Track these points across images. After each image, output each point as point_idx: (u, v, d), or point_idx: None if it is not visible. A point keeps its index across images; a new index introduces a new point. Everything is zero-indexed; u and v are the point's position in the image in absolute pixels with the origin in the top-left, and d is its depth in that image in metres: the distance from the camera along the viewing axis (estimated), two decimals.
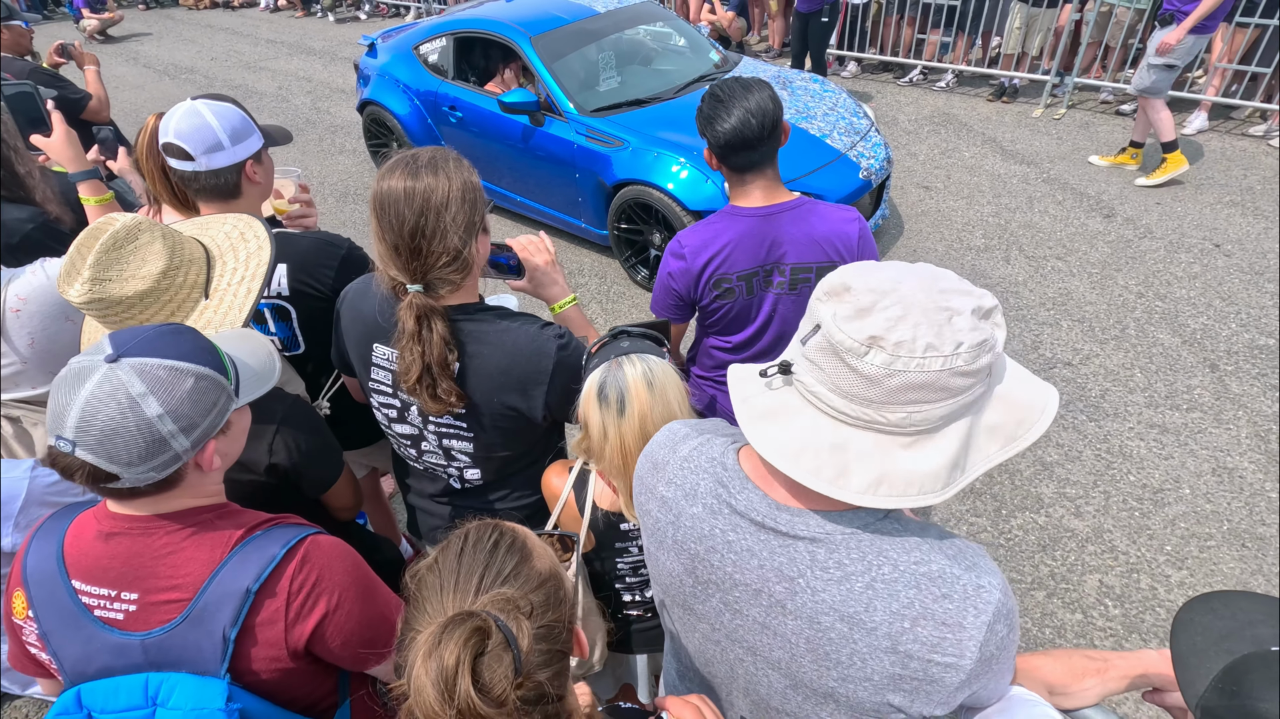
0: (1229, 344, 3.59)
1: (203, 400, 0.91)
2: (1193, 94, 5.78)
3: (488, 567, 0.71)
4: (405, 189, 1.22)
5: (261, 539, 0.97)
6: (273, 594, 0.94)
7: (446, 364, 1.31)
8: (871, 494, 0.72)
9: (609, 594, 1.51)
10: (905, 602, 0.74)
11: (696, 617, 0.91)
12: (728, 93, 1.63)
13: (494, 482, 1.52)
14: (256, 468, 1.32)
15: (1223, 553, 2.63)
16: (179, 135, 1.53)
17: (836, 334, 0.69)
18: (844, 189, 3.98)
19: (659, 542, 0.92)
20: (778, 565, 0.80)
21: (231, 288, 1.27)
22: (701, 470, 0.87)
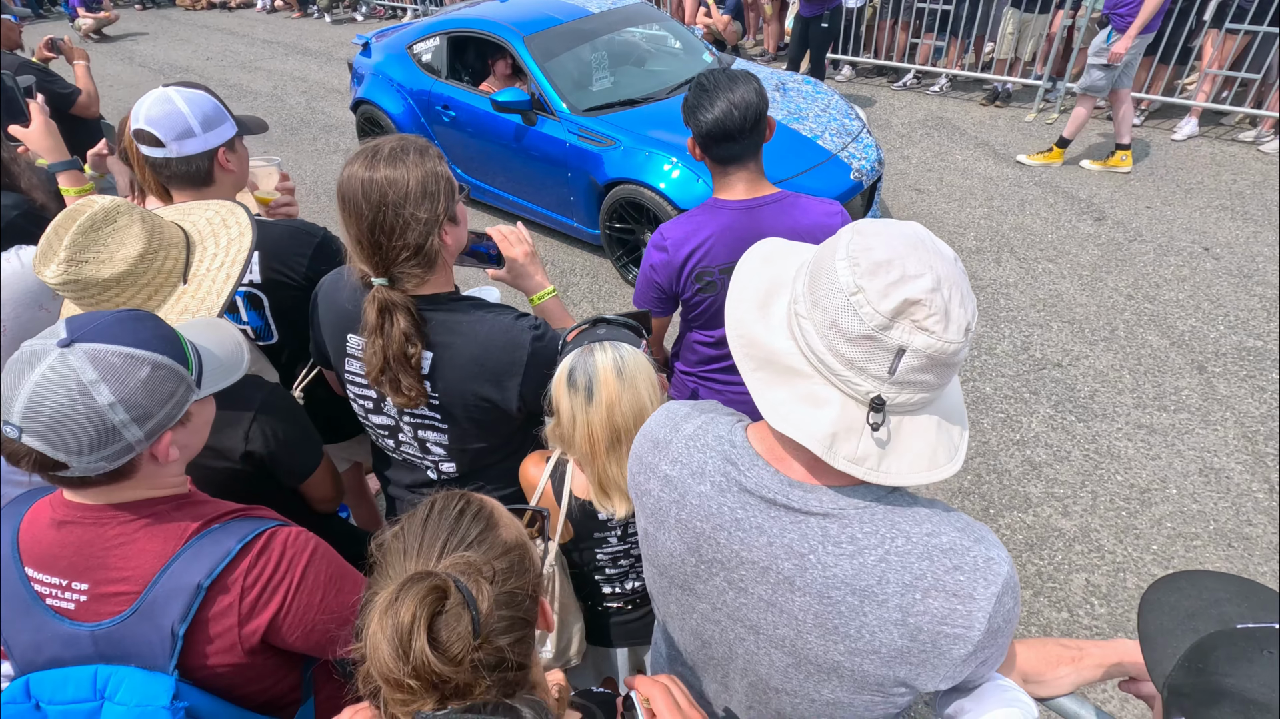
0: (1217, 346, 3.61)
1: (159, 390, 0.88)
2: (1183, 100, 5.82)
3: (452, 532, 0.71)
4: (363, 181, 1.20)
5: (218, 532, 0.94)
6: (225, 589, 0.92)
7: (407, 358, 1.30)
8: (913, 473, 0.74)
9: (589, 586, 1.50)
10: (918, 573, 0.75)
11: (696, 596, 0.91)
12: (713, 83, 1.63)
13: (470, 474, 1.51)
14: (231, 455, 1.31)
15: (1209, 553, 2.63)
16: (149, 121, 1.52)
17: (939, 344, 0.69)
18: (835, 190, 3.98)
19: (659, 521, 0.91)
20: (788, 542, 0.80)
21: (210, 273, 1.26)
22: (709, 448, 0.87)
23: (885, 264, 0.69)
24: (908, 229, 0.73)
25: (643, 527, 0.96)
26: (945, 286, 0.69)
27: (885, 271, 0.69)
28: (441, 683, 0.59)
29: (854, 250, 0.71)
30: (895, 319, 0.68)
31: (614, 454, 1.25)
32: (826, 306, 0.71)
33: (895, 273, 0.68)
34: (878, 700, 0.83)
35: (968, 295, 0.72)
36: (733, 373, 1.88)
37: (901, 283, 0.68)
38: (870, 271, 0.69)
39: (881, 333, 0.69)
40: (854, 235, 0.73)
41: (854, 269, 0.70)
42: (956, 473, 2.95)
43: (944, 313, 0.68)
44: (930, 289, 0.68)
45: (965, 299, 0.71)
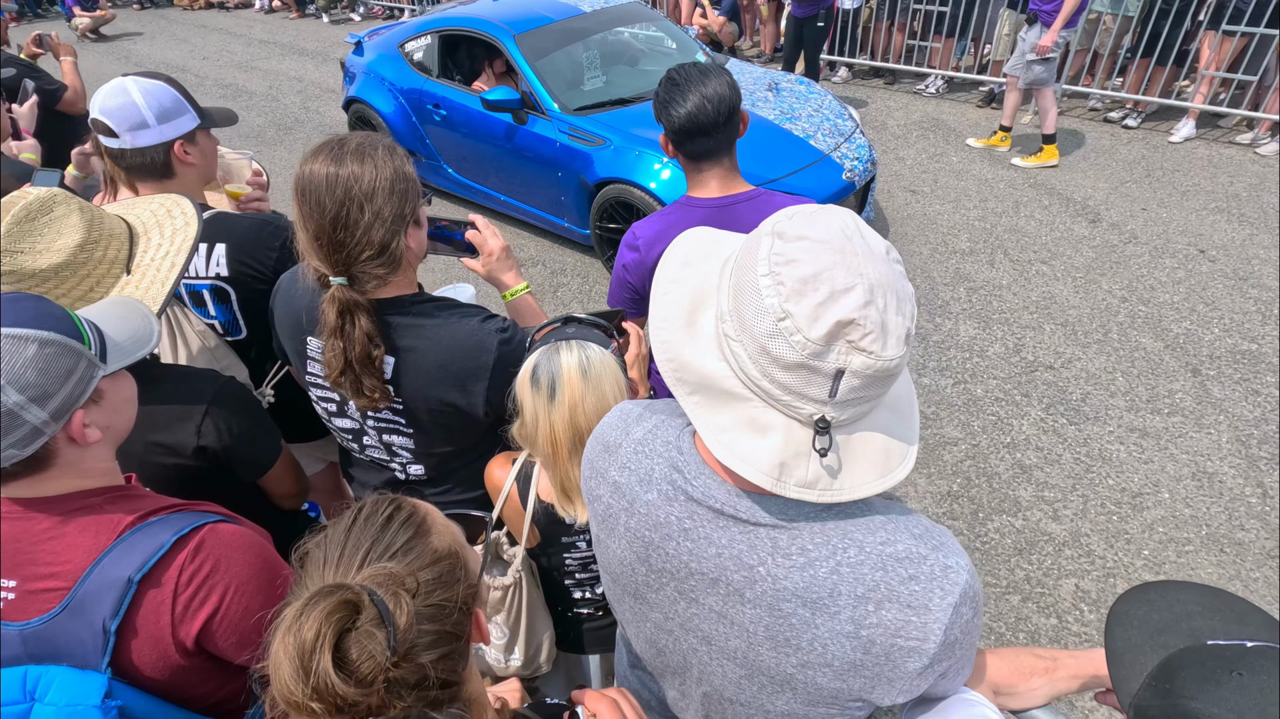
0: (1211, 349, 3.57)
1: (52, 367, 0.85)
2: (1181, 102, 5.79)
3: (376, 540, 0.67)
4: (328, 175, 1.16)
5: (154, 526, 0.91)
6: (157, 585, 0.88)
7: (370, 361, 1.26)
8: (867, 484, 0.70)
9: (559, 591, 1.46)
10: (871, 584, 0.71)
11: (649, 605, 0.87)
12: (685, 77, 1.59)
13: (437, 477, 1.48)
14: (184, 451, 1.27)
15: (1201, 558, 2.59)
16: (104, 111, 1.50)
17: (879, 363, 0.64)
18: (826, 190, 3.95)
19: (609, 529, 0.88)
20: (737, 553, 0.76)
21: (155, 263, 1.23)
22: (656, 455, 0.83)
23: (811, 280, 0.63)
24: (834, 223, 0.67)
25: (595, 533, 0.93)
26: (879, 295, 0.64)
27: (812, 290, 0.63)
28: (348, 706, 0.56)
29: (776, 263, 0.65)
30: (829, 343, 0.63)
31: (576, 456, 1.22)
32: (755, 331, 0.66)
33: (823, 290, 0.63)
34: (833, 713, 0.79)
35: (904, 295, 0.66)
36: None
37: (831, 302, 0.63)
38: (796, 292, 0.63)
39: (816, 359, 0.64)
40: (774, 241, 0.66)
41: (778, 289, 0.64)
42: (945, 475, 2.91)
43: (880, 328, 0.63)
44: (863, 304, 0.63)
45: (902, 301, 0.66)
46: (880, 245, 0.67)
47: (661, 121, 1.61)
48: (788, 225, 0.67)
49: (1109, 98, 6.22)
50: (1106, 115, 6.17)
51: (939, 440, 3.15)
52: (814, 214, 0.68)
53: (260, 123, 7.37)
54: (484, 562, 0.79)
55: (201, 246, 1.61)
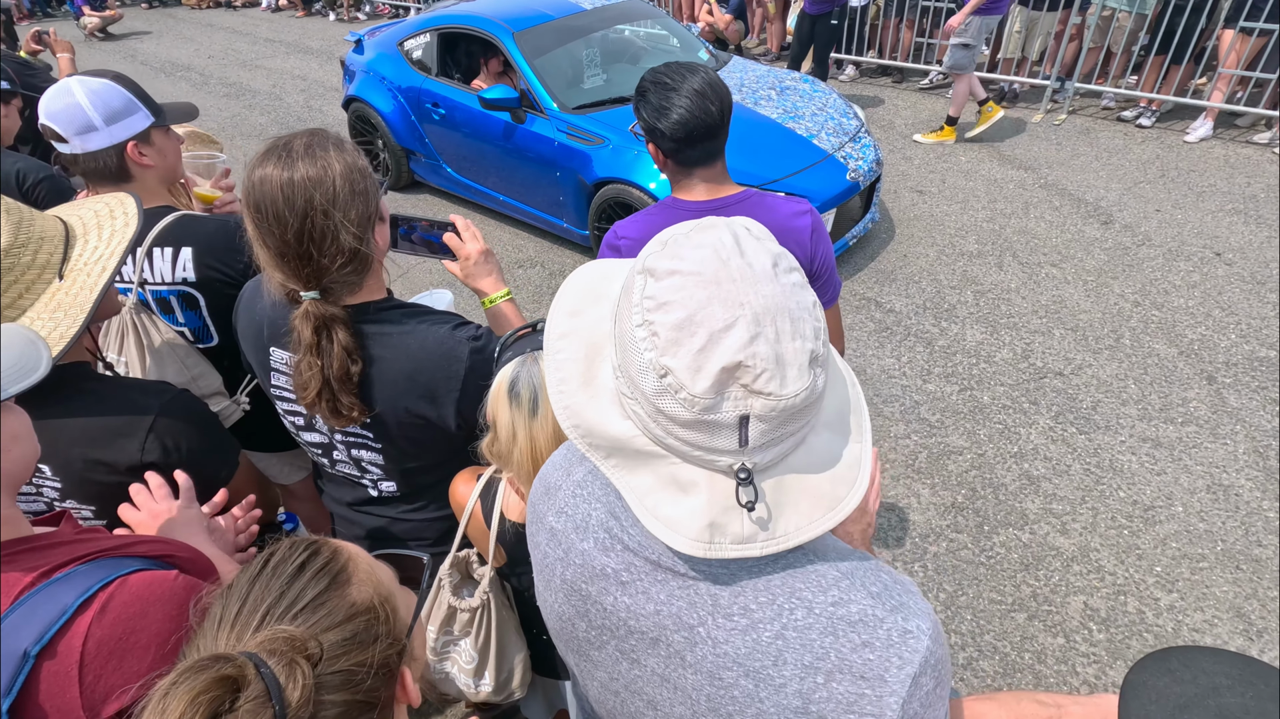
0: (1228, 355, 3.45)
1: None
2: (1197, 101, 5.65)
3: (281, 596, 0.59)
4: (283, 184, 1.07)
5: (56, 586, 0.80)
6: (54, 657, 0.78)
7: (349, 377, 1.19)
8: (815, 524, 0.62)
9: (532, 613, 1.39)
10: (819, 653, 0.63)
11: (593, 664, 0.79)
12: (674, 78, 1.47)
13: (409, 493, 1.40)
14: (126, 468, 1.20)
15: (1216, 575, 2.48)
16: (49, 116, 1.43)
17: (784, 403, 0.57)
18: (830, 190, 3.86)
19: (546, 580, 0.80)
20: (676, 611, 0.68)
21: (86, 266, 1.15)
22: (595, 499, 0.75)
23: (685, 327, 0.56)
24: (707, 248, 0.58)
25: (535, 582, 0.84)
26: (767, 324, 0.55)
27: (688, 338, 0.55)
28: None
29: (649, 309, 0.58)
30: (720, 392, 0.55)
31: None
32: (644, 390, 0.59)
33: (700, 336, 0.55)
34: None
35: (800, 313, 0.57)
36: None
37: (711, 347, 0.55)
38: (672, 341, 0.56)
39: (710, 414, 0.56)
40: (646, 281, 0.59)
41: (654, 341, 0.57)
42: (942, 484, 2.81)
43: (775, 362, 0.55)
44: (749, 340, 0.55)
45: (798, 322, 0.57)
46: (765, 260, 0.58)
47: (657, 128, 1.48)
48: (657, 260, 0.59)
49: (1123, 96, 6.08)
50: (1120, 114, 6.03)
51: (944, 449, 3.05)
52: (685, 239, 0.60)
53: (263, 121, 7.34)
54: (419, 606, 0.72)
55: (166, 251, 1.55)
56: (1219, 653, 0.65)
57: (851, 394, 0.68)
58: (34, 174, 2.25)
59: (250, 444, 1.76)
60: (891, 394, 3.36)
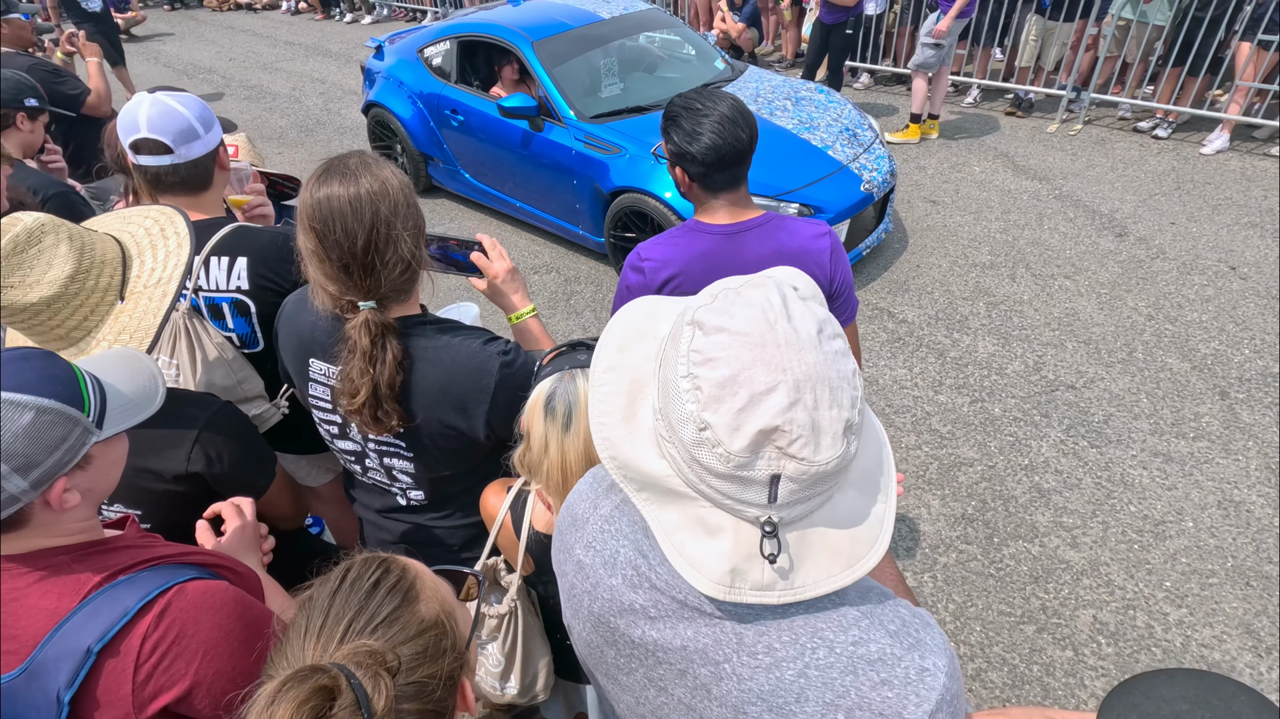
0: (1241, 371, 3.46)
1: (44, 437, 0.82)
2: (1214, 113, 5.64)
3: (360, 610, 0.65)
4: (351, 198, 1.14)
5: (119, 588, 0.87)
6: (117, 654, 0.85)
7: (395, 385, 1.25)
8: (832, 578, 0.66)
9: (557, 618, 1.44)
10: (840, 690, 0.66)
11: (621, 688, 0.83)
12: (704, 103, 1.52)
13: (438, 501, 1.46)
14: (173, 477, 1.26)
15: (1225, 591, 2.50)
16: (155, 129, 1.48)
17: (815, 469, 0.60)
18: (845, 201, 3.90)
19: (574, 609, 0.84)
20: (702, 647, 0.71)
21: (147, 290, 1.21)
22: (622, 535, 0.78)
23: (728, 385, 0.58)
24: (756, 308, 0.61)
25: (563, 607, 0.89)
26: (807, 391, 0.58)
27: (730, 396, 0.58)
28: None
29: (695, 363, 0.61)
30: (755, 452, 0.59)
31: None
32: (682, 439, 0.62)
33: (741, 396, 0.58)
34: None
35: (840, 383, 0.60)
36: None
37: (751, 408, 0.58)
38: (714, 399, 0.59)
39: (744, 470, 0.60)
40: (694, 334, 0.62)
41: (696, 395, 0.60)
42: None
43: (811, 429, 0.58)
44: (788, 405, 0.57)
45: (837, 391, 0.59)
46: (810, 327, 0.61)
47: (688, 153, 1.51)
48: (707, 314, 0.62)
49: (1139, 107, 6.08)
50: (1136, 125, 6.02)
51: (954, 461, 3.08)
52: (736, 297, 0.63)
53: (282, 124, 7.45)
54: (475, 621, 0.77)
55: (223, 260, 1.62)
56: (1177, 674, 0.67)
57: (882, 454, 0.70)
58: (45, 189, 2.30)
59: (280, 447, 1.83)
60: (903, 405, 3.39)
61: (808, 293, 0.65)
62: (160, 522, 1.31)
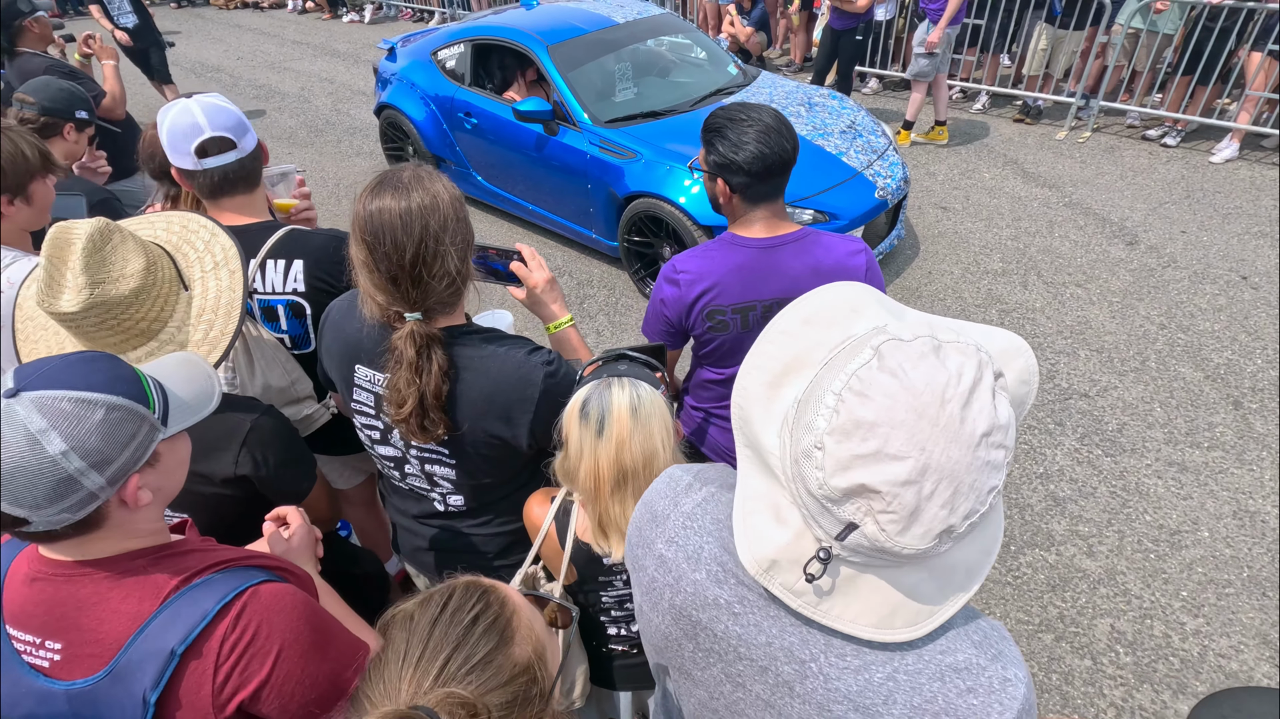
0: (1254, 381, 3.47)
1: (116, 433, 0.84)
2: (1223, 122, 5.66)
3: (459, 647, 0.66)
4: (401, 213, 1.16)
5: (198, 591, 0.90)
6: (199, 656, 0.87)
7: (441, 395, 1.26)
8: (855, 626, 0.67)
9: (593, 627, 1.45)
10: (928, 696, 0.68)
11: (694, 683, 0.85)
12: (747, 115, 1.53)
13: (477, 508, 1.47)
14: (220, 479, 1.28)
15: (1241, 601, 2.52)
16: (217, 126, 1.53)
17: (889, 543, 0.60)
18: (859, 208, 3.91)
19: (654, 602, 0.85)
20: (788, 645, 0.73)
21: (207, 274, 1.25)
22: (706, 532, 0.80)
23: (865, 428, 0.57)
24: (940, 378, 0.58)
25: (638, 602, 0.90)
26: (931, 480, 0.57)
27: (861, 438, 0.58)
28: None
29: (850, 388, 0.59)
30: (848, 498, 0.59)
31: (618, 495, 1.21)
32: (799, 442, 0.63)
33: (870, 444, 0.57)
34: None
35: (969, 491, 0.58)
36: None
37: (871, 461, 0.57)
38: (845, 430, 0.58)
39: (829, 503, 0.60)
40: (871, 358, 0.60)
41: (833, 416, 0.59)
42: None
43: (910, 513, 0.58)
44: (903, 481, 0.57)
45: (960, 497, 0.58)
46: (980, 427, 0.58)
47: (727, 164, 1.53)
48: (894, 350, 0.60)
49: (1147, 115, 6.10)
50: (1145, 133, 6.04)
51: None
52: (933, 352, 0.60)
53: (292, 124, 7.46)
54: (564, 653, 0.78)
55: (279, 263, 1.64)
56: (1264, 693, 0.70)
57: (981, 564, 0.68)
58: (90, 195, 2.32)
59: (314, 448, 1.84)
60: None
61: (1005, 389, 0.62)
62: (209, 525, 1.32)
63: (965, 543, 0.66)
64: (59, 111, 2.53)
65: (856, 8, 5.75)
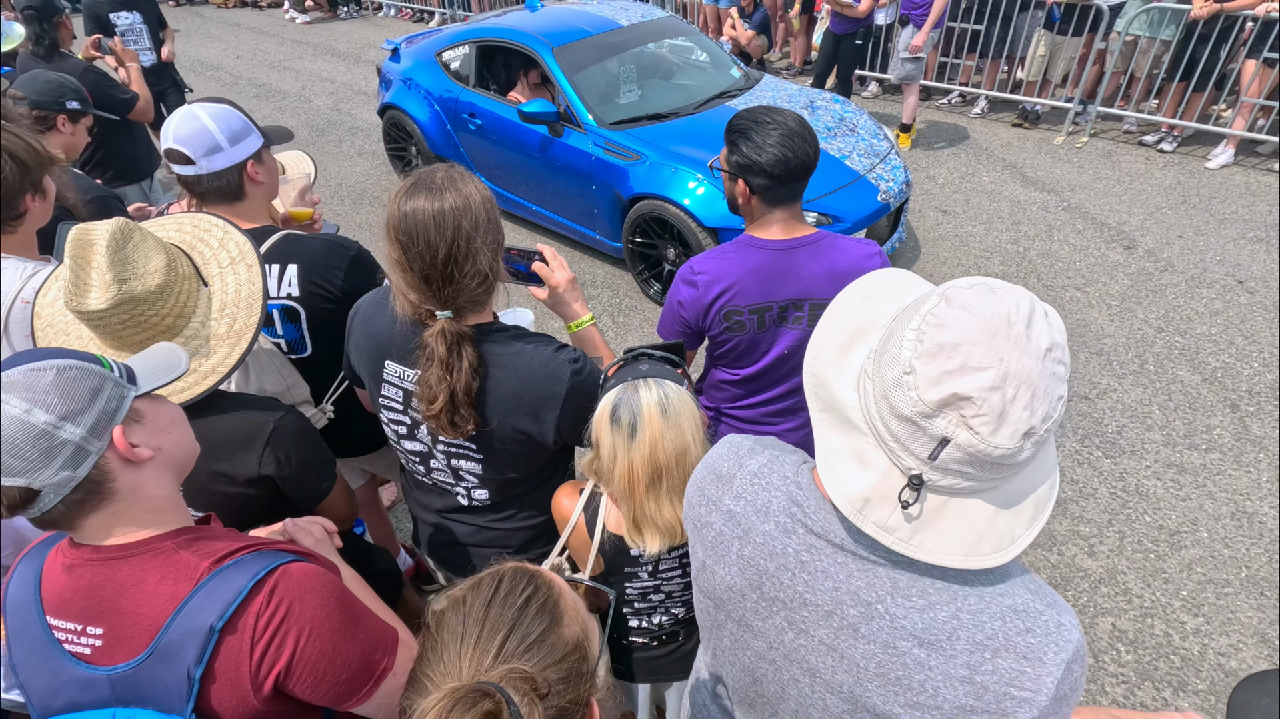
0: (1251, 384, 3.53)
1: (75, 388, 0.84)
2: (1219, 128, 5.73)
3: (514, 627, 0.69)
4: (434, 214, 1.18)
5: (231, 570, 0.91)
6: (235, 632, 0.89)
7: (471, 391, 1.29)
8: (947, 555, 0.72)
9: (616, 619, 1.48)
10: (990, 633, 0.74)
11: (753, 633, 0.90)
12: (771, 118, 1.57)
13: (501, 502, 1.50)
14: (245, 479, 1.30)
15: (1240, 600, 2.56)
16: (178, 140, 1.54)
17: (983, 445, 0.66)
18: (862, 211, 3.95)
19: (720, 555, 0.90)
20: (855, 589, 0.79)
21: (225, 270, 1.27)
22: (774, 488, 0.87)
23: (948, 349, 0.65)
24: (1004, 305, 0.66)
25: (700, 559, 0.94)
26: (1012, 384, 0.64)
27: (946, 357, 0.65)
28: None
29: (928, 323, 0.67)
30: (941, 409, 0.66)
31: (653, 491, 1.24)
32: (884, 376, 0.70)
33: (955, 360, 0.65)
34: None
35: (1043, 395, 0.65)
36: (755, 409, 1.84)
37: (958, 374, 0.64)
38: (930, 353, 0.66)
39: (924, 420, 0.67)
40: (939, 303, 0.68)
41: (917, 345, 0.67)
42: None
43: (998, 414, 0.64)
44: (989, 387, 0.64)
45: (1038, 400, 0.65)
46: (1043, 341, 0.66)
47: (749, 165, 1.56)
48: (958, 293, 0.68)
49: (1144, 121, 6.17)
50: (1141, 139, 6.11)
51: None
52: (990, 290, 0.68)
53: (293, 124, 7.46)
54: (604, 636, 0.81)
55: (274, 268, 1.65)
56: None
57: (1049, 492, 0.75)
58: (88, 190, 2.33)
59: None
60: None
61: (1056, 323, 0.69)
62: (232, 525, 1.34)
63: (1034, 465, 0.73)
64: (49, 104, 2.53)
65: (857, 12, 5.79)
